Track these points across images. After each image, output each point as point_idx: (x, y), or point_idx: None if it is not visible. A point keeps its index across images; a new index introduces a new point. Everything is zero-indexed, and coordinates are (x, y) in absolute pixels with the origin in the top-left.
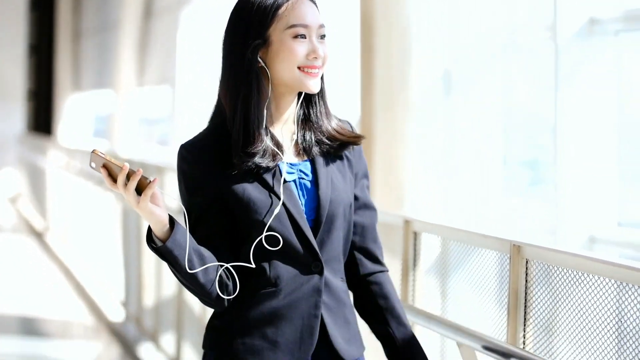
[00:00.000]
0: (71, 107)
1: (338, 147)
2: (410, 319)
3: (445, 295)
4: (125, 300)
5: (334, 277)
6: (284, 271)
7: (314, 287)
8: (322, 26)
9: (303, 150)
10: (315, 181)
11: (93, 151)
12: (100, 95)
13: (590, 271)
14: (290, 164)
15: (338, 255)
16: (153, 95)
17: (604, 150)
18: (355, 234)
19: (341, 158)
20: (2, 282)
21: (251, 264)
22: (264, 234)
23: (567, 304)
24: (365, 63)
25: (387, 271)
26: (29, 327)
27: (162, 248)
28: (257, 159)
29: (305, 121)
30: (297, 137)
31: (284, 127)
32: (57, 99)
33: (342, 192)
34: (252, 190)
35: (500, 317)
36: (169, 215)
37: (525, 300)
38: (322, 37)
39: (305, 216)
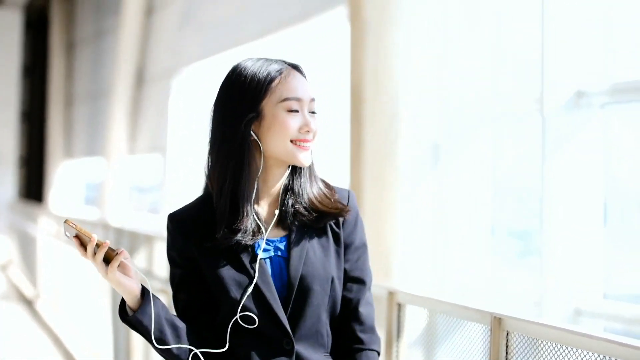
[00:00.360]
0: (62, 174)
1: (316, 218)
2: None
3: None
4: None
5: (314, 352)
6: (255, 349)
7: None
8: (313, 100)
9: (283, 222)
10: (288, 257)
11: (65, 221)
12: (91, 163)
13: (571, 344)
14: (268, 240)
15: (318, 331)
16: (144, 163)
17: (590, 222)
18: (356, 308)
19: (324, 231)
20: None
21: (224, 346)
22: (238, 314)
23: None
24: (354, 132)
25: (374, 350)
26: None
27: (131, 318)
28: (239, 236)
29: (289, 191)
30: (280, 209)
31: (269, 200)
32: (48, 166)
33: (320, 267)
34: (226, 268)
35: None
36: (144, 287)
37: None
38: (313, 112)
39: (276, 294)
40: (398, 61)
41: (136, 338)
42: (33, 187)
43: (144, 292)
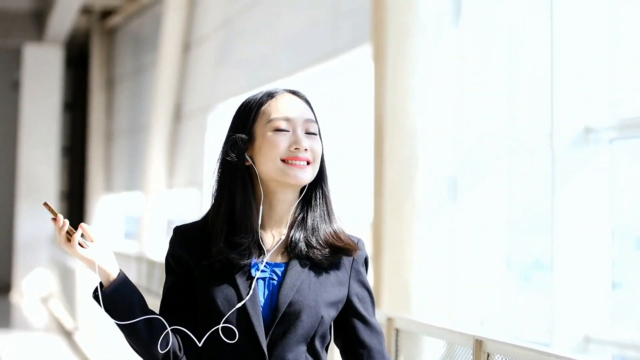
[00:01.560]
0: (103, 208)
1: (330, 253)
2: None
3: None
4: None
5: None
6: None
7: None
8: (308, 121)
9: (289, 250)
10: (281, 282)
11: (44, 203)
12: (130, 197)
13: None
14: (268, 263)
15: (296, 358)
16: (181, 198)
17: (597, 253)
18: (362, 354)
19: (327, 267)
20: None
21: (199, 341)
22: (221, 324)
23: None
24: (377, 168)
25: None
26: None
27: (102, 294)
28: (234, 254)
29: (301, 223)
30: (288, 238)
31: (276, 227)
32: (89, 200)
33: (311, 299)
34: (219, 282)
35: None
36: (120, 270)
37: None
38: (311, 133)
39: (261, 316)
40: (416, 99)
41: None
42: (74, 221)
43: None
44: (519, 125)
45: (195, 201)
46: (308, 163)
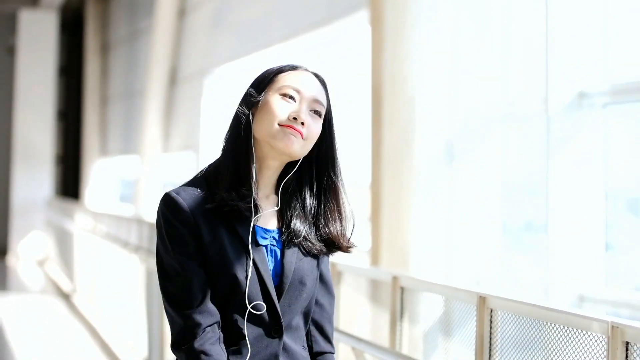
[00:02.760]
0: (98, 171)
1: (325, 248)
2: None
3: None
4: (148, 357)
5: (295, 343)
6: (250, 331)
7: (272, 351)
8: (317, 101)
9: (282, 221)
10: (282, 249)
11: None
12: (126, 161)
13: (544, 319)
14: (265, 229)
15: (298, 324)
16: (177, 161)
17: (591, 214)
18: (315, 311)
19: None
20: (31, 340)
21: (238, 329)
22: (249, 306)
23: (528, 349)
24: (374, 133)
25: (334, 353)
26: None
27: None
28: (241, 204)
29: (308, 214)
30: (280, 206)
31: (265, 192)
32: (84, 164)
33: (309, 265)
34: (229, 245)
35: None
36: None
37: (490, 343)
38: (315, 112)
39: (272, 281)
40: (413, 65)
41: (168, 327)
42: (69, 184)
43: None
44: (514, 90)
45: (191, 164)
46: (302, 138)
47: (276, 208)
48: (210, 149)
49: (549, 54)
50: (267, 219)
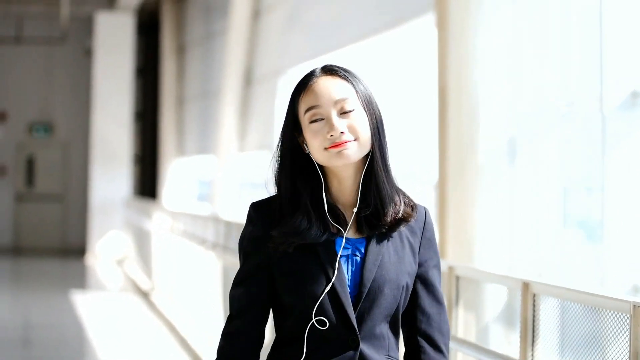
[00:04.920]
0: (175, 171)
1: (395, 222)
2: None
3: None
4: None
5: (376, 353)
6: (320, 343)
7: None
8: (340, 101)
9: (361, 225)
10: (364, 258)
11: None
12: (203, 160)
13: (583, 302)
14: (350, 239)
15: (381, 333)
16: (253, 160)
17: None
18: (421, 321)
19: (400, 238)
20: (111, 337)
21: (300, 355)
22: (314, 318)
23: (572, 333)
24: (441, 131)
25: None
26: None
27: None
28: (305, 233)
29: (366, 198)
30: (358, 211)
31: (349, 203)
32: (161, 164)
33: (392, 272)
34: (304, 263)
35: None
36: None
37: (533, 328)
38: (346, 112)
39: (349, 292)
40: (477, 67)
41: None
42: (147, 184)
43: None
44: (572, 90)
45: (266, 163)
46: (355, 139)
47: (354, 211)
48: None
49: (603, 55)
50: (352, 228)
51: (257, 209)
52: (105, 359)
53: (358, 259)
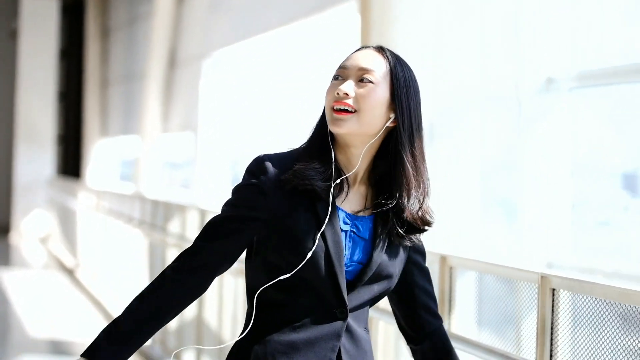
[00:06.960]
0: (99, 151)
1: (405, 231)
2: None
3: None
4: None
5: (358, 325)
6: (308, 309)
7: (334, 331)
8: (361, 69)
9: (371, 207)
10: (372, 240)
11: None
12: (126, 141)
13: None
14: (348, 214)
15: (365, 308)
16: (177, 141)
17: (559, 191)
18: (420, 296)
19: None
20: (36, 311)
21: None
22: (303, 261)
23: (589, 330)
24: None
25: (442, 321)
26: (60, 349)
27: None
28: (318, 179)
29: (390, 197)
30: (369, 196)
31: (351, 176)
32: (85, 144)
33: (393, 262)
34: (302, 222)
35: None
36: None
37: (552, 324)
38: (361, 80)
39: (344, 265)
40: (398, 51)
41: None
42: (70, 164)
43: None
44: (490, 76)
45: (189, 144)
46: (355, 111)
47: (368, 196)
48: (207, 129)
49: (520, 43)
50: (355, 204)
51: (266, 162)
52: (31, 334)
53: (358, 238)
